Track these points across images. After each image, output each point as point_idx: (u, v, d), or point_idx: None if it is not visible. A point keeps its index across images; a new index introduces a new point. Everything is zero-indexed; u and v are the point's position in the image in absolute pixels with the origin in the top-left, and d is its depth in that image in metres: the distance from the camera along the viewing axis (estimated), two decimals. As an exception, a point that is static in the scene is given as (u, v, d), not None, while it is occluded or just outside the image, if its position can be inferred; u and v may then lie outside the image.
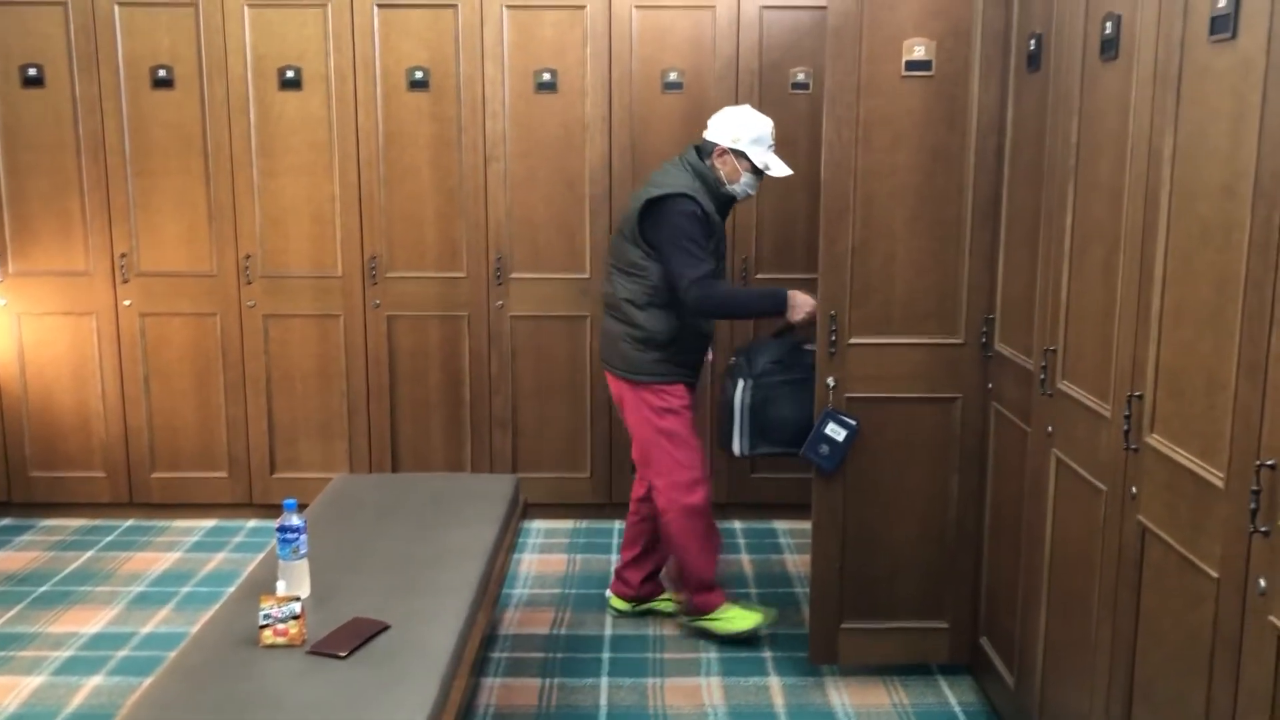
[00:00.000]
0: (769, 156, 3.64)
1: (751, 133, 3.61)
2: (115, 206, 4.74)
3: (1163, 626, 2.18)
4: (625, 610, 3.99)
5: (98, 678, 3.52)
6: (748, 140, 3.60)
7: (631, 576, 3.96)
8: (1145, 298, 2.24)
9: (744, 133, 3.61)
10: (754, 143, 3.61)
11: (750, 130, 3.61)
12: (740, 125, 3.62)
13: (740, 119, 3.64)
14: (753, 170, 3.64)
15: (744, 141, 3.60)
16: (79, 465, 4.93)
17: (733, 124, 3.63)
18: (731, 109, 3.70)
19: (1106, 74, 2.45)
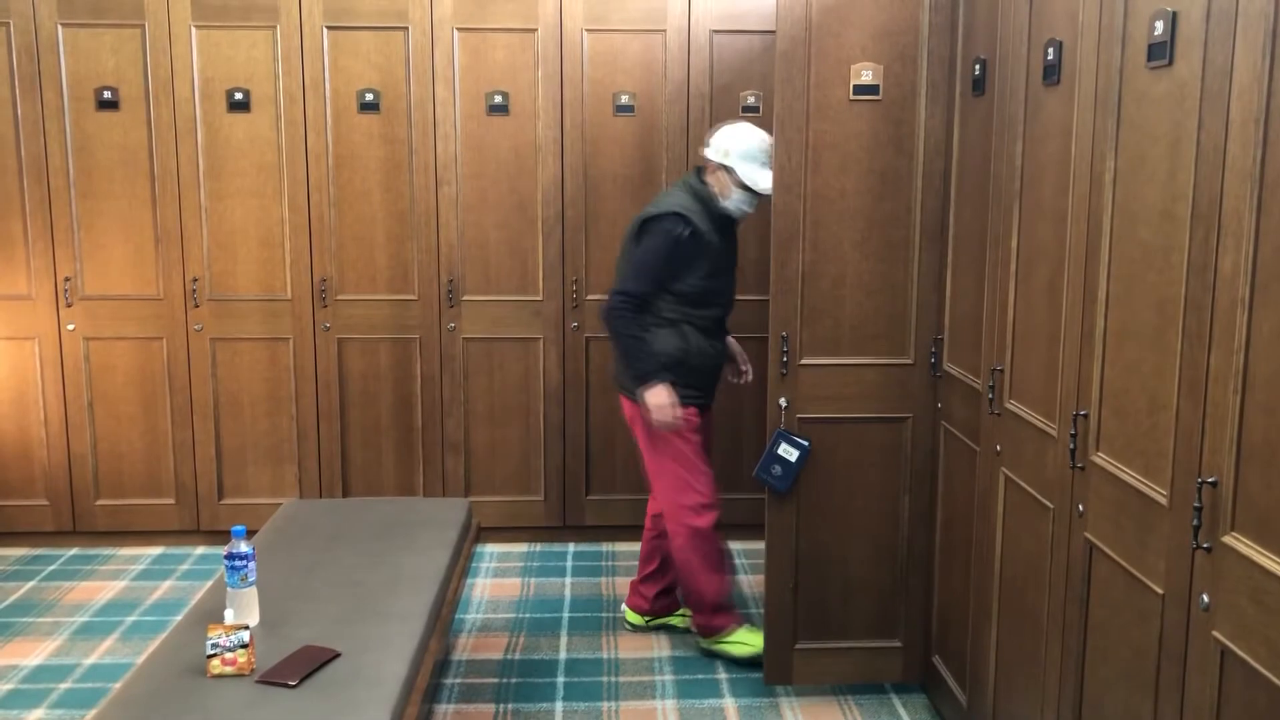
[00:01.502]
0: (758, 173, 3.58)
1: (740, 147, 3.60)
2: (59, 229, 4.66)
3: (1110, 642, 2.21)
4: (640, 625, 4.02)
5: (39, 711, 3.44)
6: (736, 156, 3.60)
7: (647, 591, 3.99)
8: (1089, 318, 2.28)
9: (734, 147, 3.60)
10: (743, 158, 3.59)
11: (739, 145, 3.60)
12: (730, 140, 3.62)
13: (731, 134, 3.64)
14: (742, 186, 3.61)
15: (733, 157, 3.60)
16: (20, 493, 4.83)
17: (724, 139, 3.64)
18: (728, 125, 3.72)
19: (1049, 99, 2.50)
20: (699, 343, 3.68)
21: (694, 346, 3.67)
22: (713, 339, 3.74)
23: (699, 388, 3.72)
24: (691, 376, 3.69)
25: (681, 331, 3.65)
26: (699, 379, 3.71)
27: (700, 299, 3.66)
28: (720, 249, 3.67)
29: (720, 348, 3.78)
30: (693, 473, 3.71)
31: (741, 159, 3.59)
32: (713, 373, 3.79)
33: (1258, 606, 1.69)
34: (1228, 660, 1.78)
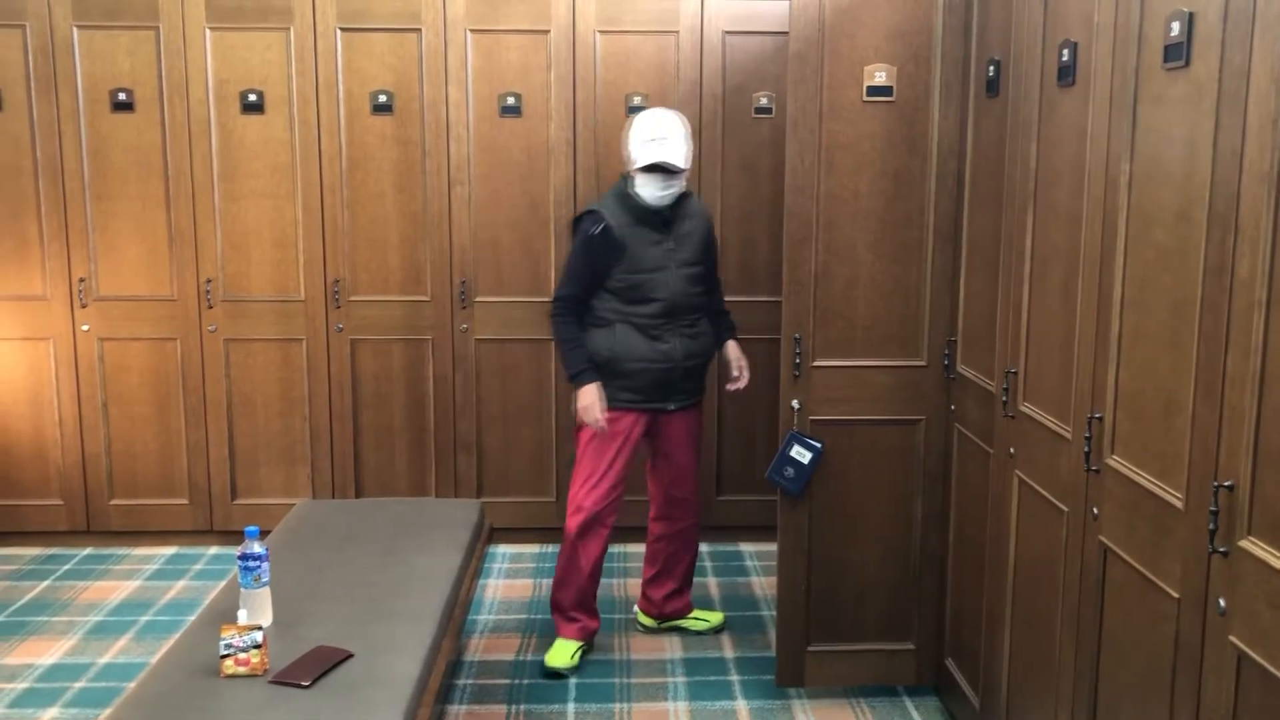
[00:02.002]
0: (640, 149, 3.52)
1: (630, 134, 3.58)
2: (74, 230, 4.68)
3: (1125, 646, 2.20)
4: (652, 627, 4.02)
5: (54, 710, 3.46)
6: (629, 143, 3.57)
7: (654, 594, 3.99)
8: (1104, 321, 2.27)
9: (628, 137, 3.59)
10: (632, 143, 3.55)
11: (629, 132, 3.59)
12: (627, 131, 3.61)
13: (628, 125, 3.63)
14: (643, 170, 3.53)
15: (628, 144, 3.58)
16: (35, 493, 4.85)
17: (626, 130, 3.64)
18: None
19: (1064, 100, 2.49)
20: (634, 343, 3.60)
21: (625, 347, 3.60)
22: (657, 340, 3.62)
23: (635, 390, 3.64)
24: (625, 379, 3.62)
25: (614, 331, 3.61)
26: (633, 381, 3.62)
27: (632, 296, 3.59)
28: (648, 244, 3.58)
29: (668, 350, 3.62)
30: (593, 473, 3.67)
31: (632, 144, 3.56)
32: (653, 375, 3.63)
33: (1275, 611, 1.68)
34: (1244, 665, 1.77)
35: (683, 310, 3.65)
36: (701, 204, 3.86)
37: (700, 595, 4.37)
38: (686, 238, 3.66)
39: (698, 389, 3.79)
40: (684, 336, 3.66)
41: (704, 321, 3.74)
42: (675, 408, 3.71)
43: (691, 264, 3.65)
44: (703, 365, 3.76)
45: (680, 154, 3.54)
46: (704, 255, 3.71)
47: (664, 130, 3.52)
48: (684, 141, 3.56)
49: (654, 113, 3.61)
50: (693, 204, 3.75)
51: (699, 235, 3.70)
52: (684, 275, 3.63)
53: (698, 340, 3.70)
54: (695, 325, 3.70)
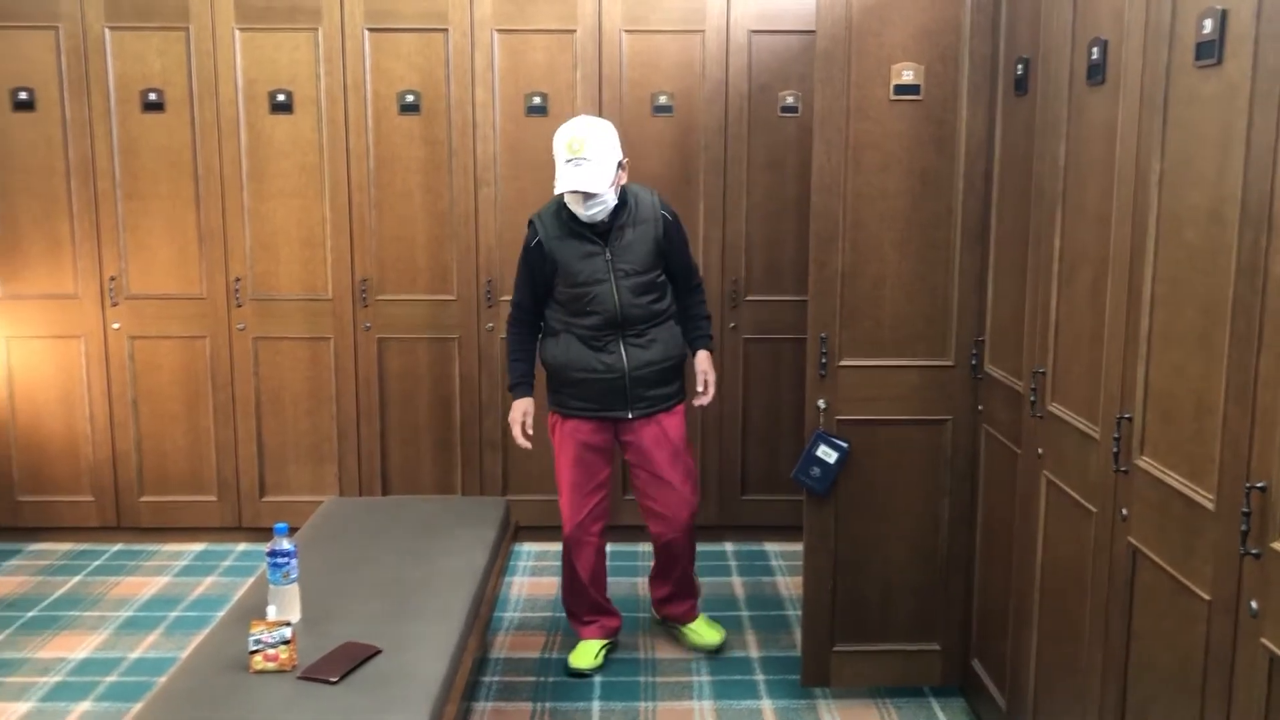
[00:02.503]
0: (560, 171, 3.39)
1: (553, 147, 3.45)
2: (105, 229, 4.73)
3: (1155, 648, 2.18)
4: (659, 621, 4.05)
5: (86, 703, 3.50)
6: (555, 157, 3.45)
7: (653, 593, 3.98)
8: (1134, 321, 2.26)
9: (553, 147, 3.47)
10: (555, 157, 3.43)
11: (553, 144, 3.46)
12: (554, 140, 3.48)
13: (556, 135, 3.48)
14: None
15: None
16: (67, 489, 4.90)
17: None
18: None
19: (1093, 99, 2.48)
20: (579, 354, 3.53)
21: (571, 358, 3.54)
22: (600, 350, 3.53)
23: (585, 399, 3.57)
24: (573, 387, 3.57)
25: (559, 341, 3.56)
26: (581, 390, 3.55)
27: (574, 308, 3.52)
28: (582, 256, 3.47)
29: (611, 361, 3.52)
30: (564, 484, 3.67)
31: (556, 161, 3.43)
32: (600, 385, 3.54)
33: (1307, 614, 1.67)
34: (1276, 668, 1.75)
35: (629, 321, 3.52)
36: (655, 205, 3.57)
37: (725, 595, 4.38)
38: (628, 247, 3.49)
39: (665, 396, 3.62)
40: (633, 346, 3.54)
41: (661, 328, 3.59)
42: (635, 416, 3.59)
43: (636, 274, 3.50)
44: (662, 372, 3.59)
45: (597, 176, 3.35)
46: (653, 262, 3.53)
47: (582, 148, 3.35)
48: (605, 159, 3.37)
49: (573, 126, 3.42)
50: (642, 209, 3.54)
51: (645, 243, 3.51)
52: (627, 286, 3.49)
53: (650, 349, 3.56)
54: (647, 334, 3.56)
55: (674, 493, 3.66)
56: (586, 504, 3.65)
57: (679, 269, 3.66)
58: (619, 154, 3.46)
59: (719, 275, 4.74)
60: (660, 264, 3.57)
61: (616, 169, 3.43)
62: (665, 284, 3.62)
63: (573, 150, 3.35)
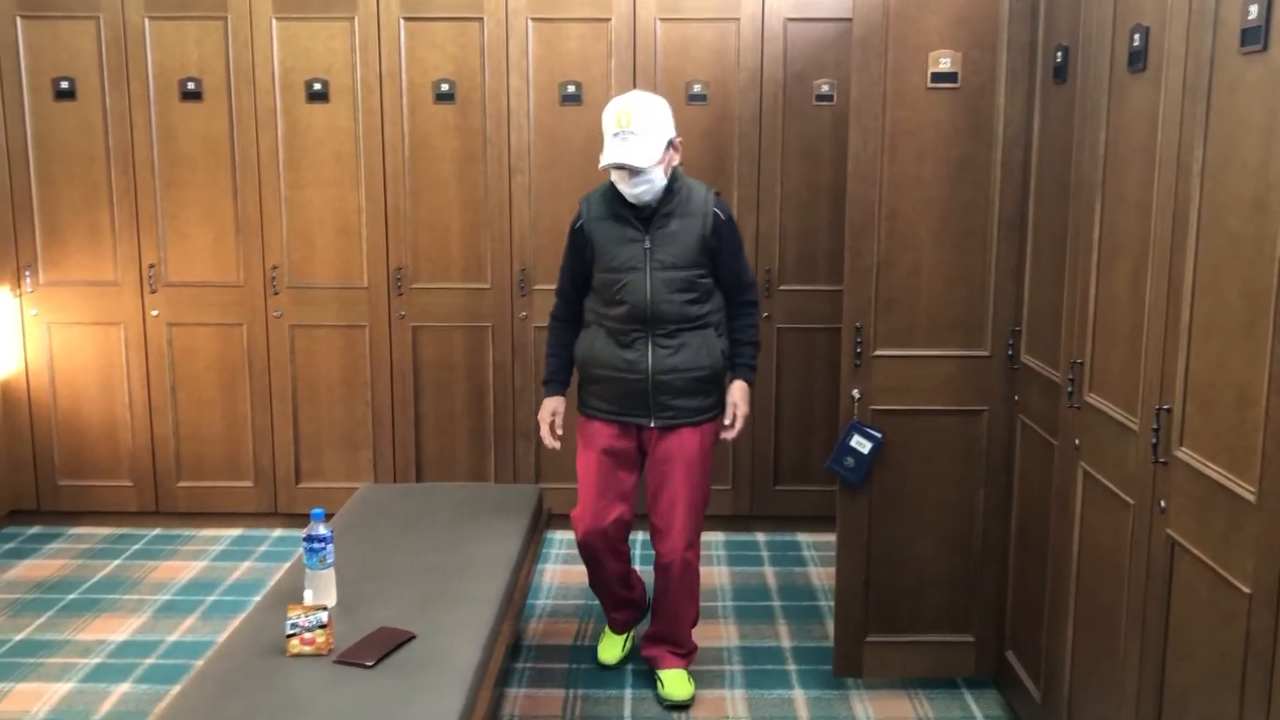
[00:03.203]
0: (606, 145, 3.20)
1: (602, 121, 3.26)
2: (144, 217, 4.78)
3: (1193, 642, 2.16)
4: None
5: (125, 685, 3.55)
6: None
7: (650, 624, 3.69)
8: (1174, 310, 2.23)
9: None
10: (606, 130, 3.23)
11: (602, 119, 3.27)
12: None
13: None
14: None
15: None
16: (106, 474, 4.97)
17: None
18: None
19: (1135, 86, 2.45)
20: (604, 348, 3.34)
21: (596, 352, 3.36)
22: (626, 347, 3.31)
23: (606, 399, 3.37)
24: (595, 385, 3.39)
25: (591, 334, 3.39)
26: (603, 389, 3.37)
27: (605, 296, 3.33)
28: (621, 240, 3.29)
29: (634, 359, 3.30)
30: (581, 489, 3.44)
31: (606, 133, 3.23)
32: (621, 386, 3.32)
33: (1350, 608, 1.64)
34: (1318, 662, 1.73)
35: (658, 318, 3.27)
36: (708, 200, 3.33)
37: (757, 585, 4.37)
38: (670, 237, 3.27)
39: (693, 409, 3.34)
40: (660, 347, 3.29)
41: (697, 336, 3.31)
42: (656, 425, 3.34)
43: (673, 267, 3.26)
44: (690, 382, 3.31)
45: (643, 150, 3.15)
46: (694, 259, 3.28)
47: (629, 122, 3.15)
48: (654, 134, 3.17)
49: (623, 101, 3.22)
50: (693, 201, 3.31)
51: (689, 237, 3.28)
52: (662, 279, 3.26)
53: (679, 354, 3.29)
54: (677, 337, 3.29)
55: (681, 516, 3.36)
56: (606, 514, 3.37)
57: (728, 277, 3.39)
58: (671, 132, 3.24)
59: (753, 265, 4.71)
60: (703, 263, 3.30)
61: (667, 147, 3.21)
62: (709, 287, 3.34)
63: (620, 123, 3.15)
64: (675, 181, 3.29)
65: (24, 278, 4.83)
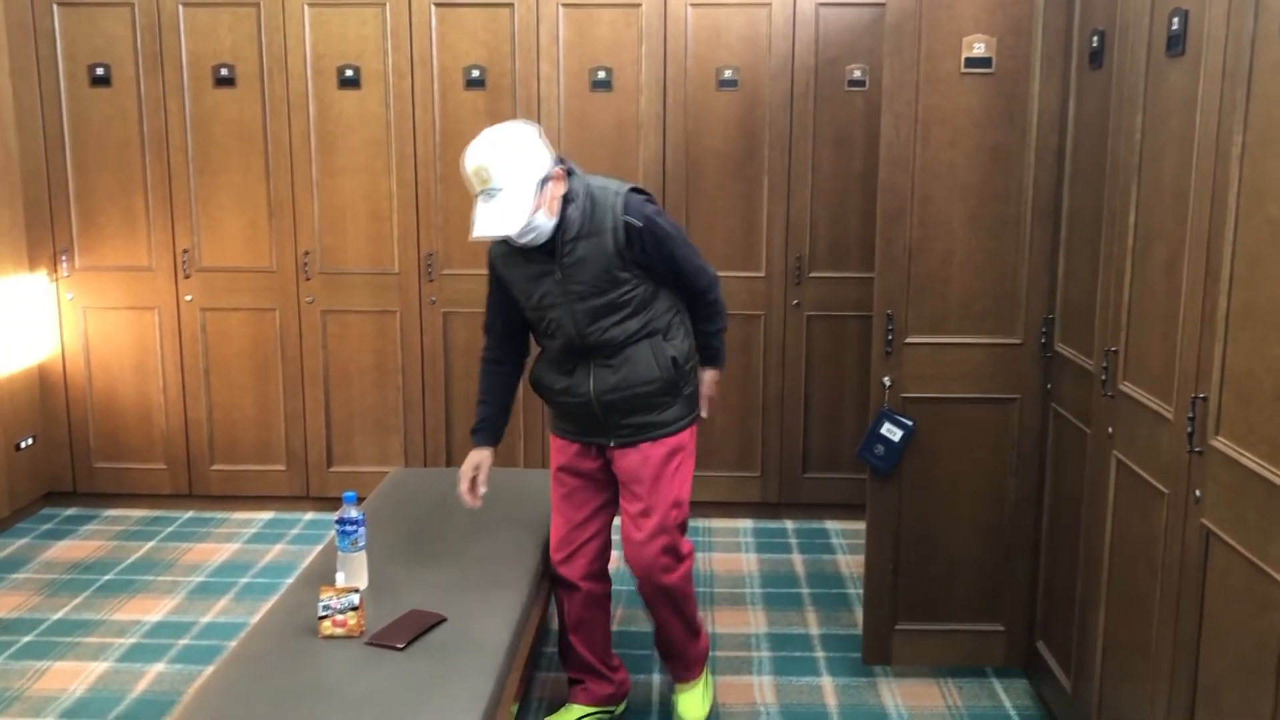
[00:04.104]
0: (475, 207, 2.77)
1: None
2: (178, 203, 4.82)
3: (1228, 632, 2.14)
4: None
5: (160, 665, 3.59)
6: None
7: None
8: (1211, 298, 2.21)
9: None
10: (469, 188, 2.82)
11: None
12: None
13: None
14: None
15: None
16: (141, 457, 5.03)
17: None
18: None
19: (1173, 71, 2.42)
20: (548, 375, 3.04)
21: (542, 377, 3.07)
22: (569, 374, 2.99)
23: (566, 421, 3.09)
24: (554, 408, 3.12)
25: (540, 359, 3.10)
26: (561, 413, 3.09)
27: (538, 329, 3.03)
28: (534, 276, 2.90)
29: (573, 384, 2.98)
30: (553, 511, 3.21)
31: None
32: (572, 409, 3.03)
33: (1390, 599, 1.62)
34: (1355, 654, 1.71)
35: (593, 347, 2.93)
36: (616, 209, 2.84)
37: (785, 573, 4.37)
38: (580, 265, 2.84)
39: (651, 425, 3.00)
40: (601, 368, 2.95)
41: (642, 347, 2.94)
42: (617, 445, 3.02)
43: (592, 295, 2.87)
44: (639, 398, 2.96)
45: (510, 212, 2.70)
46: (611, 279, 2.86)
47: (487, 179, 2.71)
48: (520, 184, 2.70)
49: (476, 153, 2.73)
50: (597, 216, 2.83)
51: (601, 258, 2.83)
52: (583, 310, 2.88)
53: (621, 371, 2.93)
54: (619, 354, 2.94)
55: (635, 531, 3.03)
56: (572, 540, 3.12)
57: (671, 278, 2.98)
58: (543, 168, 2.75)
59: (783, 251, 4.71)
60: (626, 279, 2.87)
61: (539, 188, 2.73)
62: (643, 297, 2.92)
63: (480, 180, 2.72)
64: (570, 205, 2.82)
65: (60, 263, 4.88)
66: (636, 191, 2.94)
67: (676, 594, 3.10)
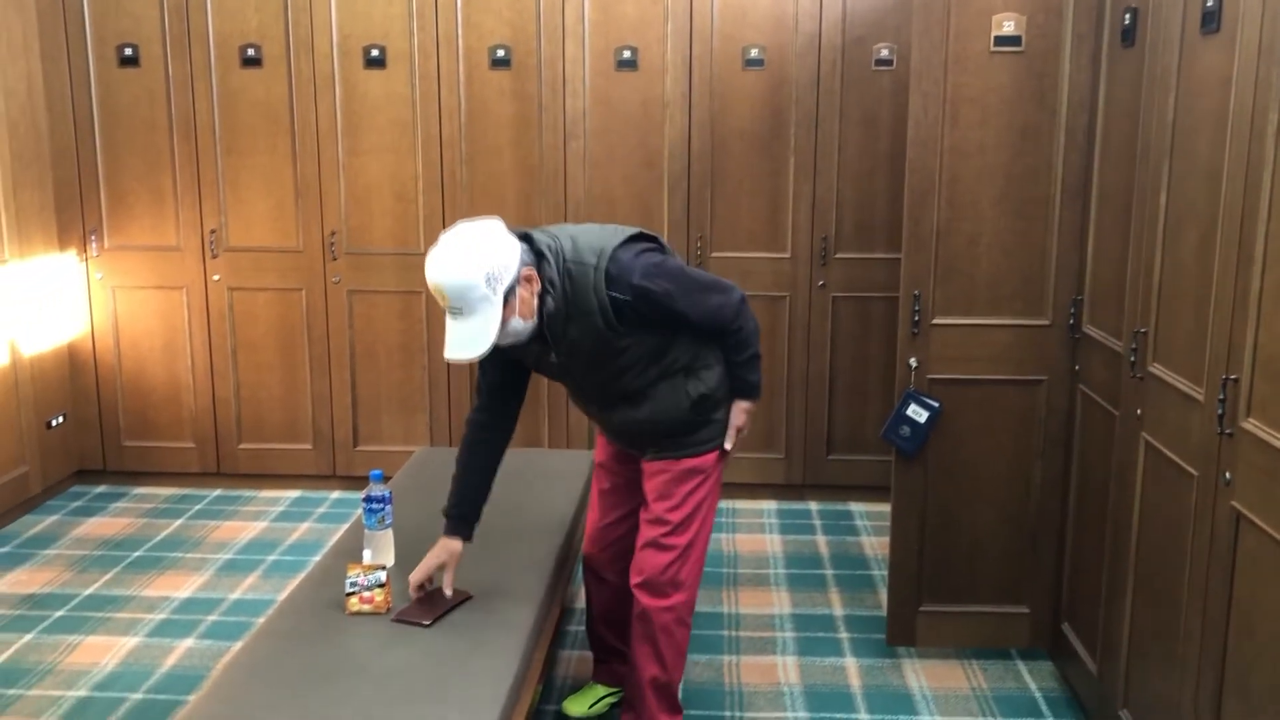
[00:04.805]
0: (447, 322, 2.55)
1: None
2: (205, 183, 4.85)
3: (1257, 616, 2.13)
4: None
5: (189, 640, 3.64)
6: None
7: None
8: (1244, 279, 2.18)
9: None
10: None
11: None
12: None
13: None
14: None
15: None
16: (169, 435, 5.07)
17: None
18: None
19: (1207, 49, 2.39)
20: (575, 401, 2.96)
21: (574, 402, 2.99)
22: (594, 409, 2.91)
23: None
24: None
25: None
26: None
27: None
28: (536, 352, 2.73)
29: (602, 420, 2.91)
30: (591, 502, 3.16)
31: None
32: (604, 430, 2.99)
33: None
34: (1387, 637, 1.70)
35: (615, 399, 2.81)
36: (599, 287, 2.59)
37: (809, 554, 4.37)
38: (575, 347, 2.67)
39: (679, 445, 2.83)
40: (626, 408, 2.81)
41: (664, 386, 2.77)
42: (652, 457, 2.88)
43: (596, 369, 2.74)
44: (664, 428, 2.81)
45: (477, 333, 2.48)
46: (613, 350, 2.67)
47: (446, 300, 2.49)
48: (480, 307, 2.46)
49: (432, 271, 2.50)
50: (578, 299, 2.60)
51: (593, 338, 2.64)
52: (593, 383, 2.80)
53: (641, 408, 2.78)
54: (639, 397, 2.78)
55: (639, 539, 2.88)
56: (605, 537, 3.07)
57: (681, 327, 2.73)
58: (507, 274, 2.49)
59: (808, 232, 4.69)
60: (627, 345, 2.68)
61: (505, 300, 2.49)
62: (652, 348, 2.72)
63: (440, 299, 2.52)
64: (548, 298, 2.60)
65: (90, 242, 4.92)
66: (629, 242, 2.68)
67: (658, 628, 2.83)
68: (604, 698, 3.23)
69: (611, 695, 3.24)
